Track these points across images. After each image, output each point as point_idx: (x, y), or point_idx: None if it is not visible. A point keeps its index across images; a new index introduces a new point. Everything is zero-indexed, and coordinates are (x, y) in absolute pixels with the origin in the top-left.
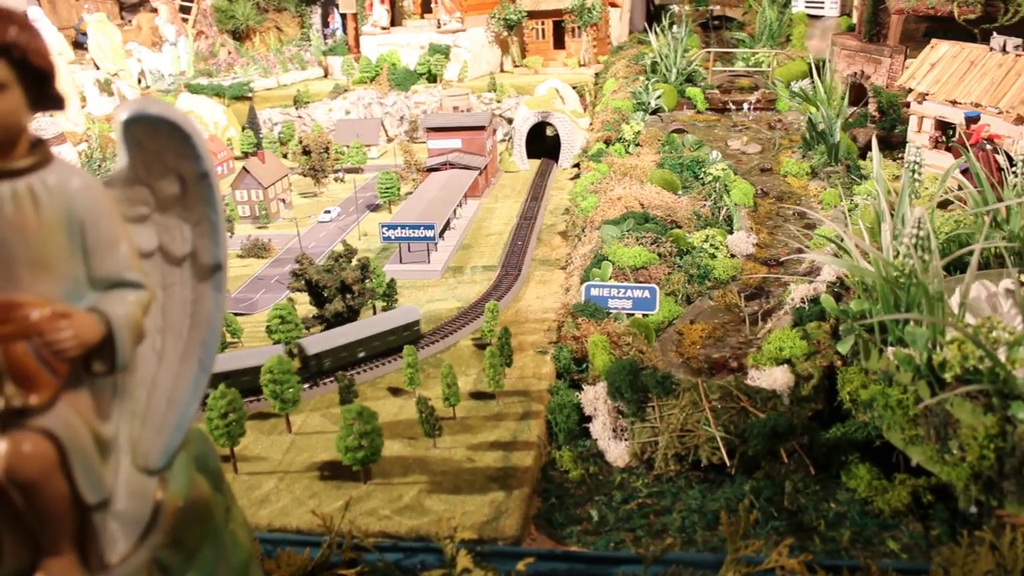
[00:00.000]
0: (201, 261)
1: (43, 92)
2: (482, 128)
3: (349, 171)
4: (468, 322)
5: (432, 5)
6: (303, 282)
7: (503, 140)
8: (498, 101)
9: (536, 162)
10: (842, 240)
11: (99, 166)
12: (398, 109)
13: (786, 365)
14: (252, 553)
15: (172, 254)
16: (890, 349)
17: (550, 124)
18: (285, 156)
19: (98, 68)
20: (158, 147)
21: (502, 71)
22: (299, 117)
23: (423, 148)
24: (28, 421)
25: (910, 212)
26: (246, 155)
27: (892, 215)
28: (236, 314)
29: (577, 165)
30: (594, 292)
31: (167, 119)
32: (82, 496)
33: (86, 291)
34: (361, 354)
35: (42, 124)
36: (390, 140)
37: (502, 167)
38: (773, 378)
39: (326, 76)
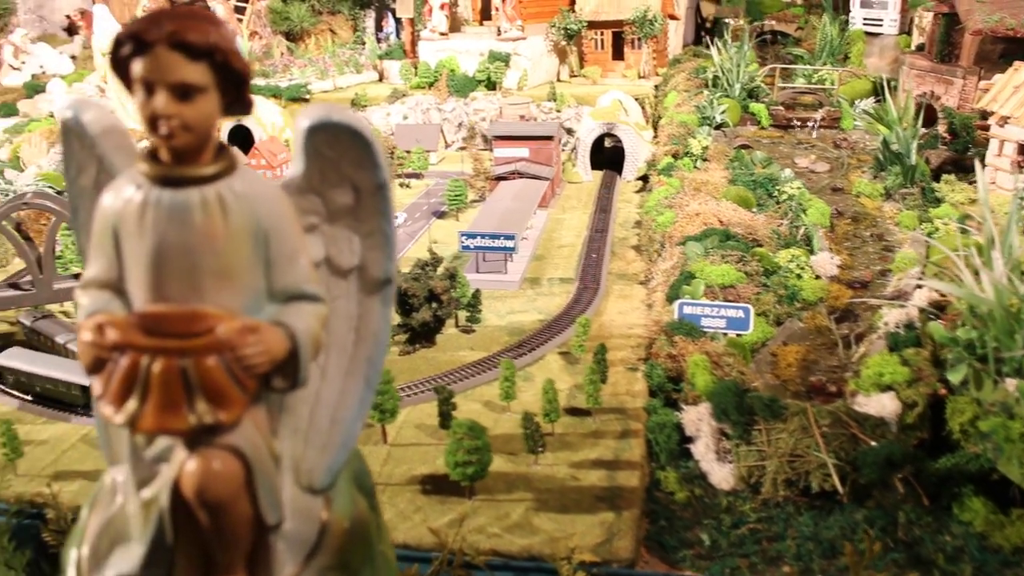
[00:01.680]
0: (370, 274)
1: (237, 97)
2: (550, 138)
3: (409, 176)
4: (553, 335)
5: (493, 12)
6: None
7: (563, 150)
8: (558, 111)
9: (598, 173)
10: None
11: None
12: (456, 115)
13: (892, 392)
14: (397, 573)
15: (339, 266)
16: (1009, 381)
17: (614, 136)
18: None
19: None
20: (336, 155)
21: (559, 80)
22: None
23: (481, 155)
24: (216, 439)
25: (1018, 237)
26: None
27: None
28: None
29: (643, 178)
30: (687, 310)
31: (351, 127)
32: (263, 516)
33: (264, 303)
34: None
35: None
36: (448, 146)
37: (565, 178)
38: (881, 404)
39: (381, 80)
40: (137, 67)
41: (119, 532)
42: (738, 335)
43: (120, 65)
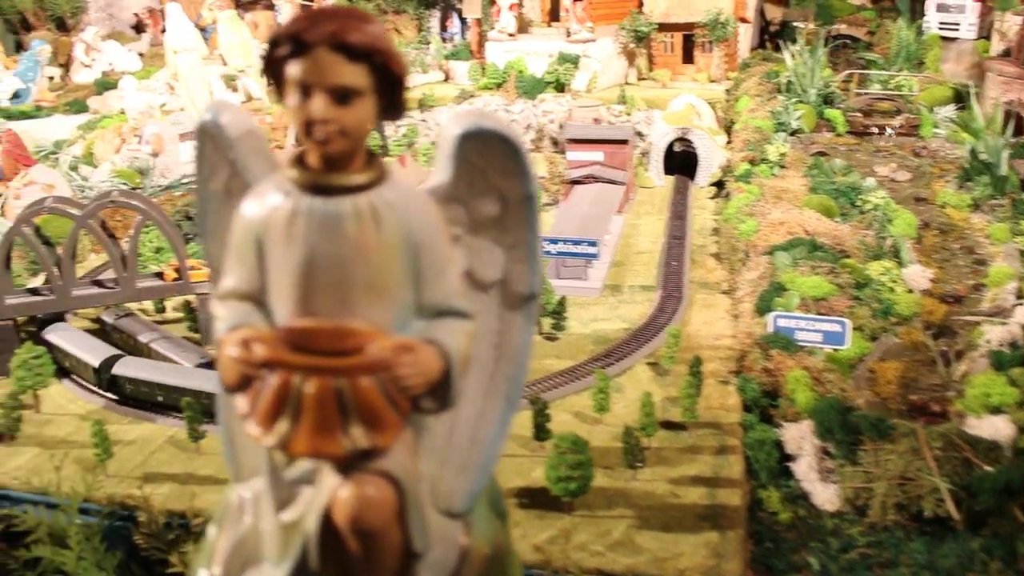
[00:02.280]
0: (513, 288)
1: (392, 101)
2: (625, 142)
3: None
4: (641, 345)
5: (562, 13)
6: None
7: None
8: (628, 114)
9: (669, 178)
10: None
11: None
12: (525, 117)
13: (1005, 415)
14: None
15: (480, 279)
16: None
17: (684, 140)
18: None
19: (225, 64)
20: (484, 164)
21: (627, 83)
22: (423, 120)
23: (555, 158)
24: (369, 463)
25: None
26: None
27: None
28: None
29: (716, 184)
30: (781, 323)
31: (503, 135)
32: (411, 544)
33: (411, 318)
34: None
35: (180, 118)
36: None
37: (637, 182)
38: (994, 427)
39: (446, 80)
40: (294, 69)
41: (250, 553)
42: (834, 350)
43: (274, 66)
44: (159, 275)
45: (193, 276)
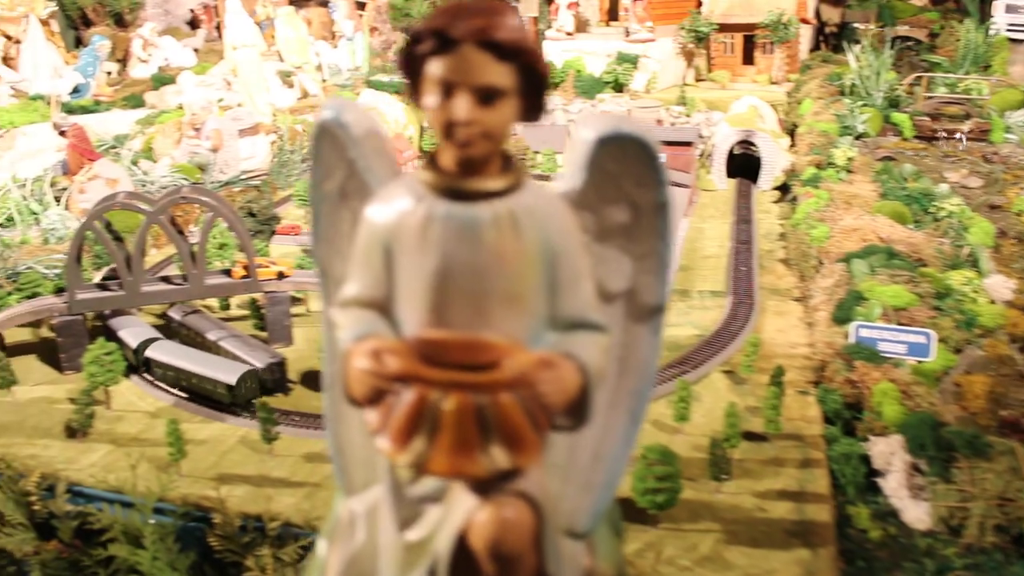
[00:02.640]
0: (640, 300)
1: (535, 102)
2: (689, 144)
3: (539, 178)
4: (716, 352)
5: (621, 12)
6: None
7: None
8: (687, 115)
9: (731, 181)
10: None
11: (287, 159)
12: (583, 117)
13: None
14: None
15: (607, 290)
16: None
17: (746, 143)
18: None
19: (282, 60)
20: (619, 170)
21: (684, 84)
22: None
23: None
24: (508, 484)
25: None
26: (424, 154)
27: None
28: None
29: (780, 188)
30: (864, 333)
31: (642, 140)
32: (545, 567)
33: (544, 330)
34: None
35: (239, 114)
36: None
37: (699, 185)
38: None
39: None
40: (437, 66)
41: (365, 571)
42: (918, 362)
43: (413, 62)
44: (227, 272)
45: (261, 274)
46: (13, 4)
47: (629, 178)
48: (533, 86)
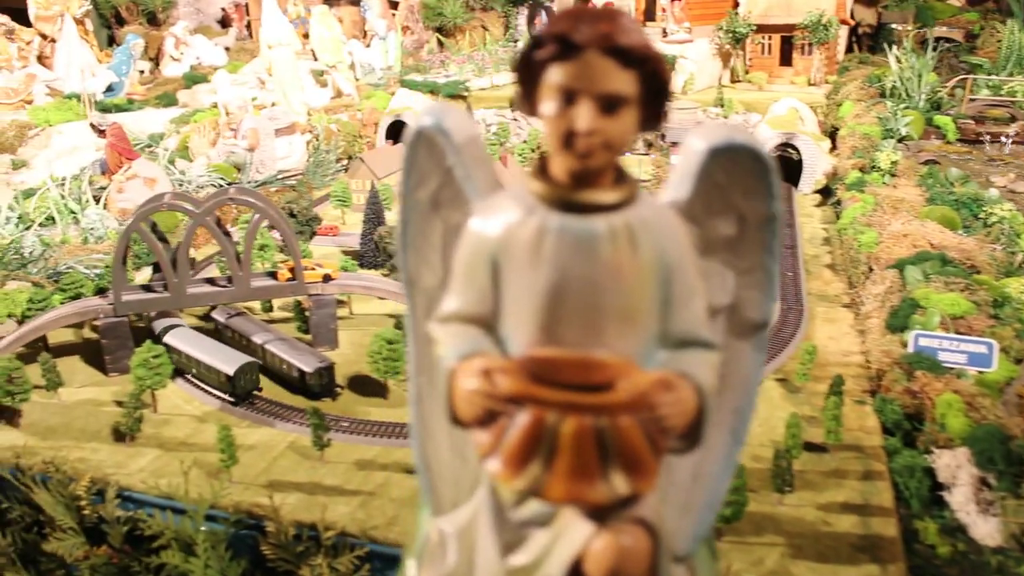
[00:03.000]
0: (744, 315)
1: (655, 112)
2: None
3: None
4: (768, 359)
5: (658, 13)
6: None
7: None
8: (725, 116)
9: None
10: None
11: (323, 158)
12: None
13: None
14: None
15: (709, 305)
16: None
17: (787, 146)
18: (502, 159)
19: (316, 59)
20: (728, 182)
21: (720, 85)
22: (514, 119)
23: (662, 161)
24: (626, 511)
25: None
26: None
27: None
28: None
29: (821, 191)
30: (923, 342)
31: (755, 151)
32: None
33: (654, 349)
34: None
35: (276, 113)
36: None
37: None
38: None
39: None
40: (559, 73)
41: None
42: (979, 372)
43: (531, 68)
44: (272, 275)
45: (307, 276)
46: (49, 3)
47: (738, 189)
48: (655, 94)
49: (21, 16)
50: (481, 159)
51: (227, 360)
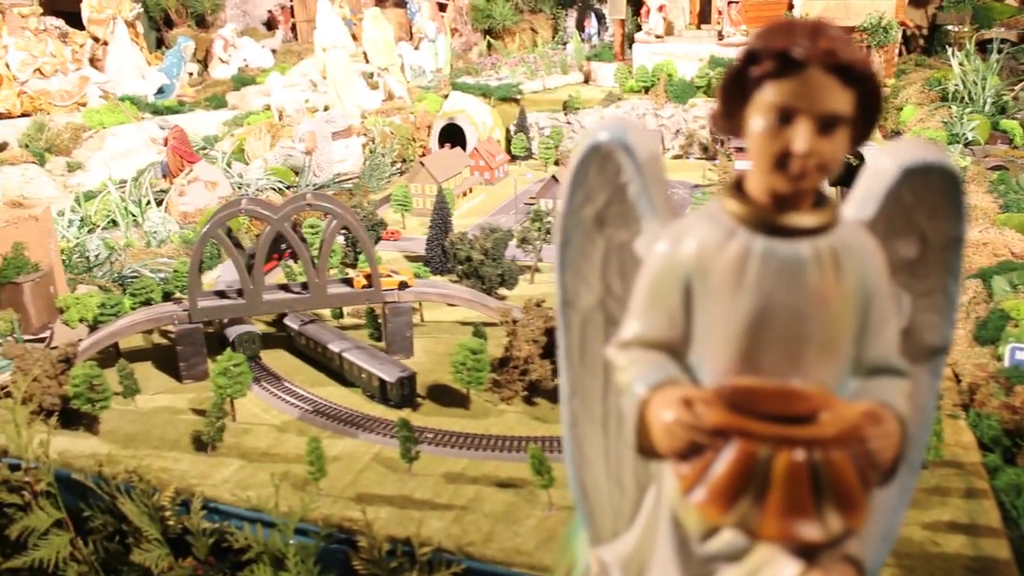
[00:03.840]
0: (920, 339)
1: (864, 131)
2: None
3: None
4: None
5: (715, 15)
6: None
7: None
8: None
9: (831, 189)
10: None
11: (378, 162)
12: (675, 122)
13: None
14: None
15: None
16: None
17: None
18: (557, 163)
19: (367, 61)
20: (914, 202)
21: None
22: (568, 123)
23: (730, 166)
24: (836, 549)
25: None
26: (514, 158)
27: None
28: None
29: None
30: (1020, 355)
31: (949, 171)
32: None
33: (847, 377)
34: None
35: (332, 116)
36: (663, 153)
37: None
38: None
39: (586, 81)
40: (776, 90)
41: None
42: None
43: (743, 83)
44: (348, 281)
45: (384, 283)
46: (101, 6)
47: (923, 210)
48: (869, 113)
49: (73, 19)
50: (660, 177)
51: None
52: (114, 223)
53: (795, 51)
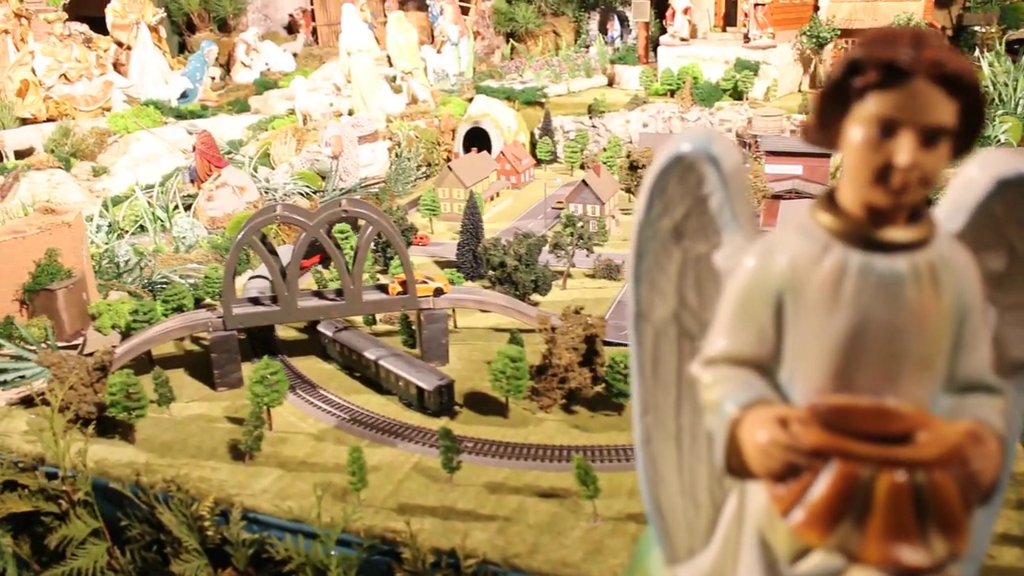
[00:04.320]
0: (1007, 353)
1: (965, 144)
2: (827, 155)
3: None
4: None
5: (741, 17)
6: None
7: None
8: None
9: None
10: None
11: (404, 166)
12: (701, 126)
13: None
14: None
15: None
16: None
17: None
18: (583, 167)
19: (391, 65)
20: (1005, 213)
21: (800, 91)
22: (593, 127)
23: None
24: (936, 573)
25: None
26: (539, 162)
27: None
28: (610, 343)
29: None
30: None
31: None
32: None
33: (939, 394)
34: None
35: (360, 121)
36: None
37: None
38: None
39: (610, 85)
40: (880, 102)
41: None
42: None
43: (844, 94)
44: (383, 288)
45: (419, 290)
46: (125, 11)
47: (1013, 222)
48: (972, 125)
49: (97, 24)
50: (744, 189)
51: None
52: (142, 228)
53: (901, 61)
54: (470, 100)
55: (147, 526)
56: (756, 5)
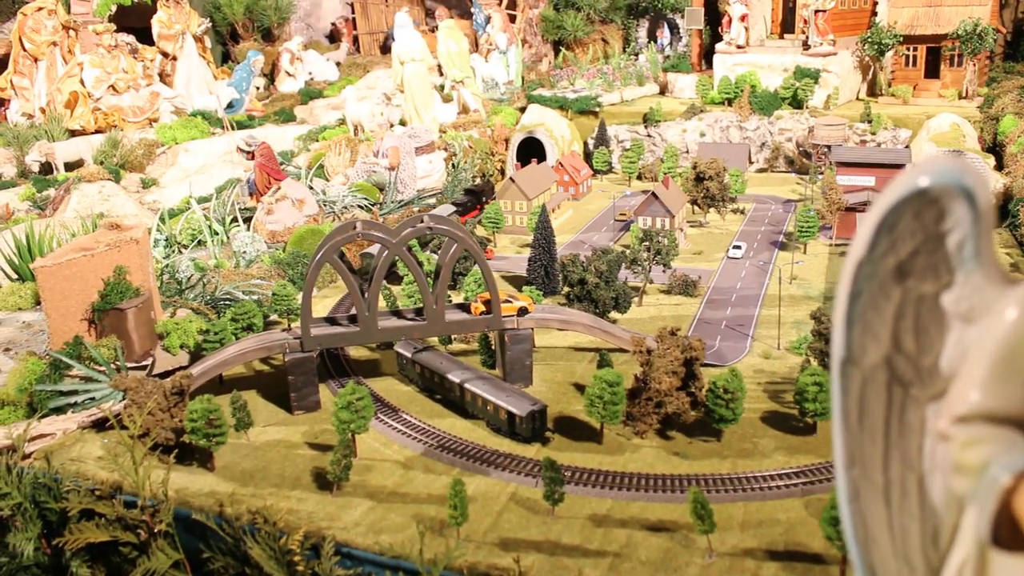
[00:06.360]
0: None
1: None
2: (901, 166)
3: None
4: None
5: (800, 24)
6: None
7: None
8: (872, 133)
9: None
10: None
11: (460, 177)
12: (760, 135)
13: None
14: None
15: None
16: None
17: None
18: (640, 177)
19: (442, 74)
20: None
21: (859, 99)
22: (648, 136)
23: (781, 178)
24: None
25: None
26: (595, 172)
27: None
28: (706, 365)
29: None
30: None
31: None
32: None
33: None
34: None
35: (417, 131)
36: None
37: None
38: None
39: (662, 93)
40: None
41: None
42: None
43: None
44: (465, 307)
45: (503, 310)
46: (171, 22)
47: None
48: None
49: (142, 35)
50: (991, 228)
51: None
52: (199, 243)
53: None
54: (521, 109)
55: (231, 559)
56: (817, 12)
